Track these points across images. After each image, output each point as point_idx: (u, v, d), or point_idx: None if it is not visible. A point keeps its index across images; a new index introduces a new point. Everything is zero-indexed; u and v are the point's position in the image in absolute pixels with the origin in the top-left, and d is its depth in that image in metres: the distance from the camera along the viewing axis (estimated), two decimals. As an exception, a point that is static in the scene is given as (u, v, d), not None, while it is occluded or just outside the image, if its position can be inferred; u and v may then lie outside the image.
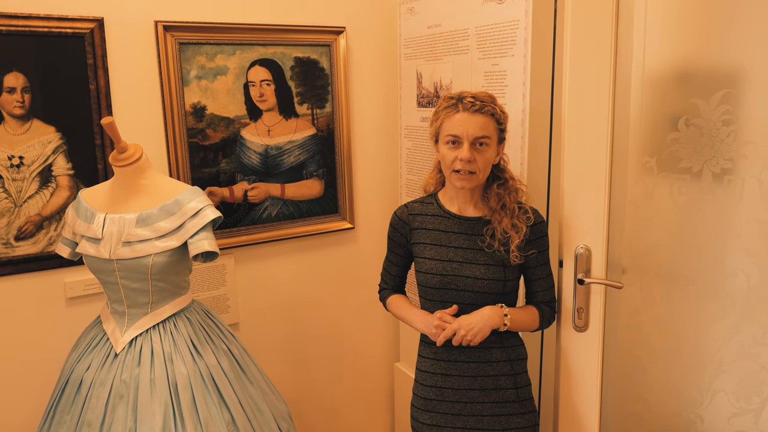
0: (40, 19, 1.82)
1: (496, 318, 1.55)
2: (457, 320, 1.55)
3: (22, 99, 1.84)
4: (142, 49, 1.99)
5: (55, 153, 1.91)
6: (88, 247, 1.64)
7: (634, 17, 1.72)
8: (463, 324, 1.54)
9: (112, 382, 1.60)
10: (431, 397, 1.64)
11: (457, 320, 1.55)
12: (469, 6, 1.93)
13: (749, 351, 1.64)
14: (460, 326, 1.54)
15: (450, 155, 1.54)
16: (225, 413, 1.65)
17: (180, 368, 1.62)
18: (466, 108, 1.52)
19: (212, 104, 2.12)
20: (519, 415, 1.62)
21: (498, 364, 1.61)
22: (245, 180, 2.22)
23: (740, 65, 1.57)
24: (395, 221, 1.70)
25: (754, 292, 1.61)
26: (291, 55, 2.23)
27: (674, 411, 1.81)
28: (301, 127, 2.31)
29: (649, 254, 1.80)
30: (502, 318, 1.56)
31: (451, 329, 1.55)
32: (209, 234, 1.65)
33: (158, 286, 1.65)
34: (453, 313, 1.58)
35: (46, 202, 1.92)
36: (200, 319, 1.75)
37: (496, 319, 1.55)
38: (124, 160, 1.65)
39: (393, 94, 2.45)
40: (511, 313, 1.57)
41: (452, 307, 1.58)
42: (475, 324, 1.54)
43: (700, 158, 1.64)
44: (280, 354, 2.44)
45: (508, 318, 1.56)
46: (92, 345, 1.68)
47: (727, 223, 1.64)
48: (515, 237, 1.57)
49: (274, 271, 2.37)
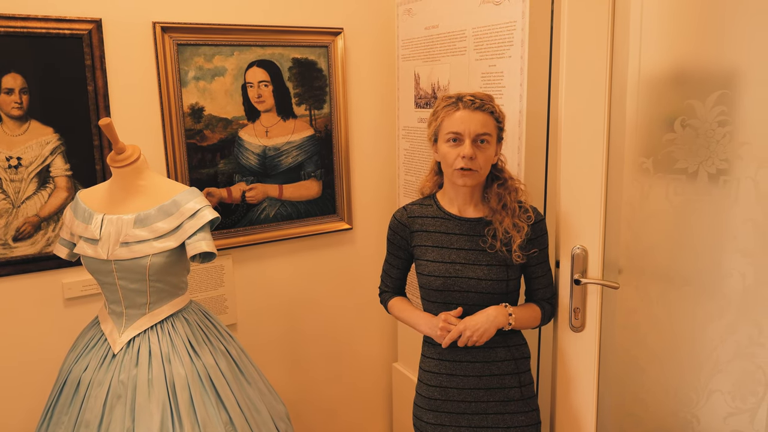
0: (38, 20, 1.82)
1: (501, 318, 1.56)
2: (462, 321, 1.55)
3: (20, 100, 1.84)
4: (140, 50, 1.99)
5: (53, 154, 1.91)
6: (85, 248, 1.64)
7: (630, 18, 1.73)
8: (468, 325, 1.54)
9: (110, 383, 1.60)
10: (436, 396, 1.64)
11: (462, 321, 1.55)
12: (466, 7, 1.94)
13: (745, 351, 1.64)
14: (465, 327, 1.54)
15: (452, 153, 1.54)
16: (223, 414, 1.65)
17: (178, 369, 1.62)
18: (467, 106, 1.52)
19: (210, 105, 2.12)
20: (523, 414, 1.63)
21: (502, 363, 1.61)
22: (243, 181, 2.23)
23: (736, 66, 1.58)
24: (395, 224, 1.70)
25: (750, 292, 1.61)
26: (289, 56, 2.24)
27: (671, 411, 1.81)
28: (299, 127, 2.31)
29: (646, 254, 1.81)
30: (507, 318, 1.56)
31: (457, 331, 1.55)
32: (207, 235, 1.65)
33: (156, 286, 1.65)
34: (458, 315, 1.58)
35: (44, 203, 1.92)
36: (198, 319, 1.75)
37: (501, 318, 1.56)
38: (122, 161, 1.65)
39: (391, 95, 2.45)
40: (515, 312, 1.58)
41: (457, 309, 1.58)
42: (481, 324, 1.54)
43: (696, 159, 1.65)
44: (278, 354, 2.44)
45: (513, 317, 1.57)
46: (90, 345, 1.68)
47: (722, 224, 1.64)
48: (517, 236, 1.57)
49: (272, 272, 2.37)
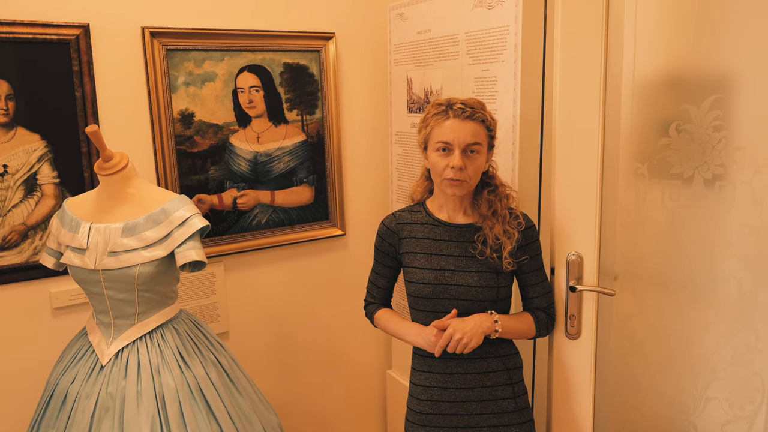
0: (25, 26, 1.80)
1: (486, 323, 1.52)
2: (450, 326, 1.51)
3: (6, 106, 1.81)
4: (128, 56, 1.97)
5: (40, 161, 1.88)
6: (73, 258, 1.61)
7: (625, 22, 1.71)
8: (457, 328, 1.49)
9: (97, 395, 1.57)
10: (427, 411, 1.60)
11: (450, 326, 1.51)
12: (458, 11, 1.92)
13: (742, 358, 1.63)
14: (455, 330, 1.49)
15: (441, 163, 1.52)
16: (214, 425, 1.62)
17: (167, 380, 1.59)
18: (457, 114, 1.50)
19: (200, 111, 2.10)
20: (517, 425, 1.60)
21: (495, 374, 1.59)
22: (234, 187, 2.20)
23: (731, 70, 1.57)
24: (383, 231, 1.67)
25: (747, 298, 1.60)
26: (280, 61, 2.22)
27: (668, 419, 1.80)
28: (290, 133, 2.29)
29: (641, 261, 1.79)
30: (492, 324, 1.53)
31: (446, 337, 1.50)
32: (197, 243, 1.62)
33: (145, 296, 1.62)
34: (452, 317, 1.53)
35: (31, 211, 1.89)
36: (188, 329, 1.72)
37: (487, 324, 1.52)
38: (109, 168, 1.62)
39: (383, 100, 2.43)
40: (501, 320, 1.55)
41: (451, 312, 1.54)
42: (470, 329, 1.50)
43: (692, 164, 1.63)
44: (270, 363, 2.41)
45: (499, 324, 1.54)
46: (78, 357, 1.65)
47: (718, 229, 1.63)
48: (507, 243, 1.55)
49: (264, 279, 2.34)
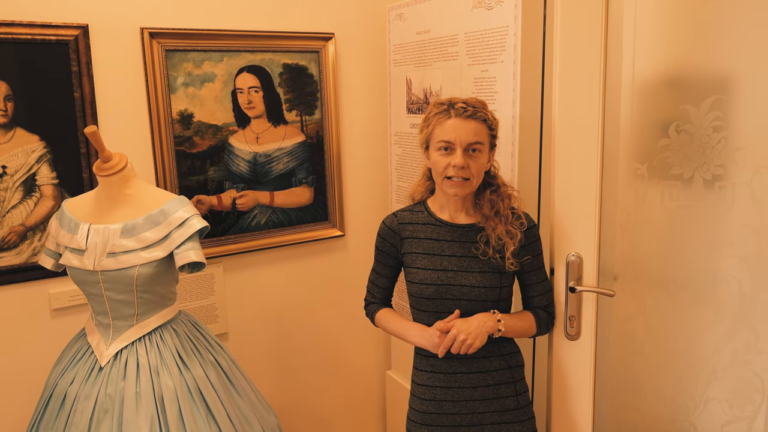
0: (23, 26, 1.79)
1: (490, 323, 1.52)
2: (454, 327, 1.50)
3: (4, 107, 1.81)
4: (127, 56, 1.96)
5: (39, 162, 1.88)
6: (71, 259, 1.61)
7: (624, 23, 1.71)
8: (461, 329, 1.49)
9: (96, 396, 1.56)
10: (430, 410, 1.60)
11: (454, 327, 1.50)
12: (458, 12, 1.92)
13: (742, 358, 1.63)
14: (459, 331, 1.49)
15: (442, 162, 1.51)
16: (213, 427, 1.62)
17: (166, 381, 1.59)
18: (459, 114, 1.49)
19: (199, 111, 2.09)
20: (519, 423, 1.60)
21: (497, 373, 1.59)
22: (234, 188, 2.20)
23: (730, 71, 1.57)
24: (384, 231, 1.66)
25: (747, 299, 1.60)
26: (279, 61, 2.21)
27: (668, 419, 1.79)
28: (290, 134, 2.28)
29: (641, 261, 1.79)
30: (496, 323, 1.53)
31: (450, 338, 1.50)
32: (196, 244, 1.62)
33: (144, 297, 1.62)
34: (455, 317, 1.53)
35: (30, 212, 1.88)
36: (187, 330, 1.72)
37: (490, 323, 1.52)
38: (108, 169, 1.62)
39: (382, 101, 2.43)
40: (504, 319, 1.55)
41: (454, 313, 1.54)
42: (473, 329, 1.49)
43: (691, 164, 1.63)
44: (269, 364, 2.41)
45: (502, 323, 1.54)
46: (76, 358, 1.64)
47: (718, 230, 1.63)
48: (510, 244, 1.54)
49: (263, 280, 2.34)
